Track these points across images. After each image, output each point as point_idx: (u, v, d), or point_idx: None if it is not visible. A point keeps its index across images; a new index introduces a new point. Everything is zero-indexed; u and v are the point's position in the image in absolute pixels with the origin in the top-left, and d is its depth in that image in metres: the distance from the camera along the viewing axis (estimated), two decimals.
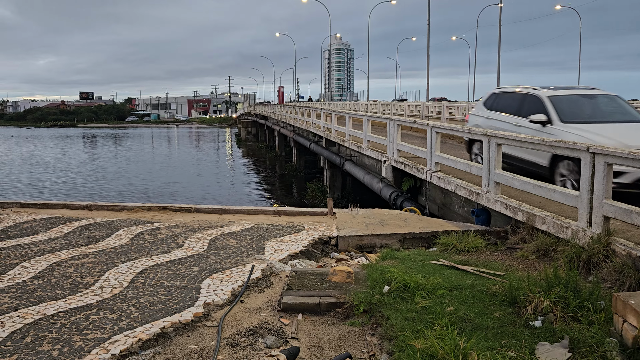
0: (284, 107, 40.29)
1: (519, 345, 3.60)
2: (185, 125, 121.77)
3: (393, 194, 12.56)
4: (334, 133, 20.05)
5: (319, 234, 7.76)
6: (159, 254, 6.61)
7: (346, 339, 4.25)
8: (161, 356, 3.94)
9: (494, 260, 6.03)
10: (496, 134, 7.86)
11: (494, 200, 7.80)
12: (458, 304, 4.40)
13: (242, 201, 24.08)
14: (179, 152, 54.50)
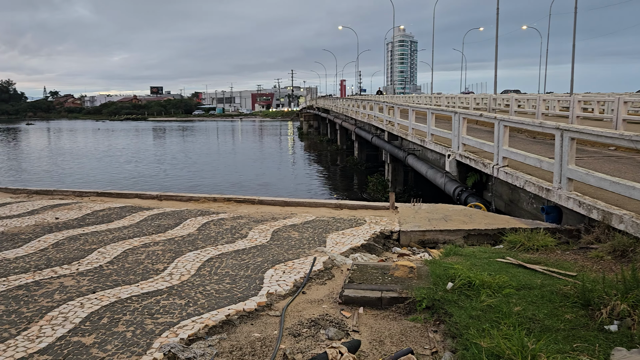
0: (345, 101, 40.26)
1: (592, 350, 3.43)
2: (249, 118, 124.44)
3: (457, 189, 12.26)
4: (396, 126, 19.81)
5: (380, 228, 7.71)
6: (224, 244, 6.81)
7: (408, 335, 4.21)
8: (226, 342, 4.06)
9: (565, 259, 5.76)
10: (570, 128, 7.48)
11: (566, 197, 7.43)
12: (526, 304, 4.24)
13: (303, 194, 24.34)
14: (243, 144, 55.78)
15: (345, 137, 40.87)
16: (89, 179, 28.30)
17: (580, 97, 18.65)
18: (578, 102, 17.64)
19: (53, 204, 9.69)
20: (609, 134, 6.67)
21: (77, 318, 4.41)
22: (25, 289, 5.13)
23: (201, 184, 26.77)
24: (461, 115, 12.16)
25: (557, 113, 20.95)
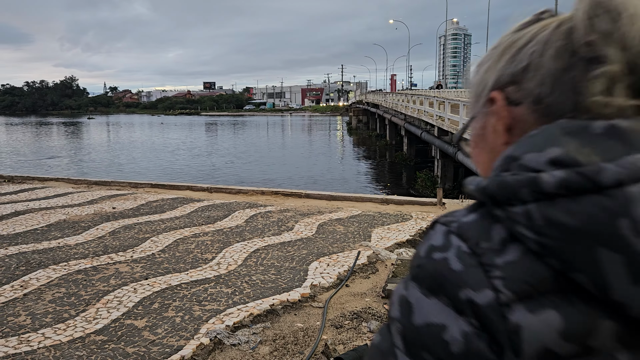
0: (395, 95, 39.92)
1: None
2: (298, 113, 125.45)
3: None
4: (446, 122, 19.49)
5: (426, 224, 7.64)
6: (270, 236, 6.95)
7: None
8: (270, 331, 4.17)
9: None
10: None
11: None
12: None
13: (351, 189, 24.36)
14: (292, 139, 56.35)
15: (394, 132, 40.52)
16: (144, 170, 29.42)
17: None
18: None
19: (110, 194, 10.17)
20: None
21: (131, 302, 4.64)
22: (84, 273, 5.44)
23: (250, 177, 27.30)
24: None
25: None
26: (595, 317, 0.47)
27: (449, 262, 0.52)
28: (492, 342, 0.48)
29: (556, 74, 0.56)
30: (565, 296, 0.48)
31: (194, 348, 3.76)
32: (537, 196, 0.49)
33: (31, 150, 39.34)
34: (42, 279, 5.27)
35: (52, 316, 4.35)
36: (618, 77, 0.53)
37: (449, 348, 0.49)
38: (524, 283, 0.48)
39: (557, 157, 0.50)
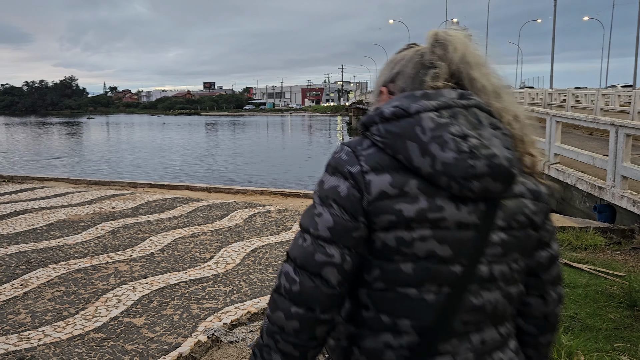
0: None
1: (633, 350, 3.35)
2: (298, 113, 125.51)
3: None
4: None
5: None
6: (269, 235, 7.00)
7: None
8: None
9: (614, 260, 5.59)
10: (625, 124, 7.21)
11: (619, 196, 7.18)
12: (568, 303, 4.17)
13: None
14: (292, 139, 56.42)
15: None
16: (143, 170, 29.48)
17: None
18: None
19: (110, 194, 10.22)
20: None
21: (130, 300, 4.69)
22: (83, 272, 5.49)
23: (250, 177, 27.36)
24: None
25: (618, 109, 20.06)
26: (407, 177, 1.03)
27: (342, 156, 1.09)
28: (358, 189, 1.05)
29: (412, 76, 1.17)
30: (393, 168, 1.04)
31: (191, 345, 3.81)
32: (381, 120, 1.08)
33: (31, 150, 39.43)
34: (42, 277, 5.32)
35: (51, 314, 4.40)
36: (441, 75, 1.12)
37: (339, 194, 1.06)
38: (374, 162, 1.05)
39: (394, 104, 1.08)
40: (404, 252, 1.05)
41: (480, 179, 1.02)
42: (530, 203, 1.13)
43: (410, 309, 1.06)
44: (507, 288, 1.12)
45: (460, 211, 1.04)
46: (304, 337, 1.07)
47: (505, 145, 1.08)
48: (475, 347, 1.09)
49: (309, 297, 1.05)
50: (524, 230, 1.12)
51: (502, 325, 1.15)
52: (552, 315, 1.25)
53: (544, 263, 1.21)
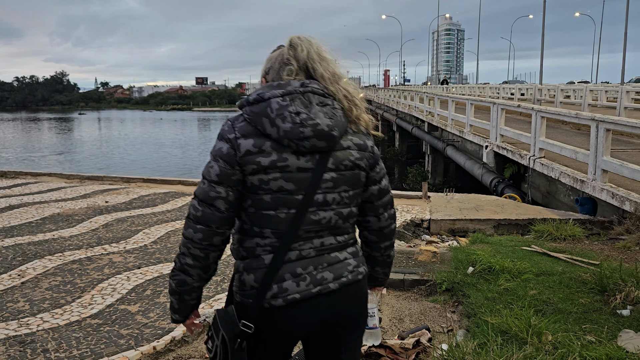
0: (387, 91, 40.17)
1: (600, 331, 3.57)
2: None
3: (494, 181, 12.25)
4: (436, 117, 19.77)
5: (411, 216, 7.90)
6: None
7: (427, 314, 4.44)
8: None
9: (591, 249, 5.82)
10: (605, 119, 7.44)
11: (599, 189, 7.42)
12: (542, 288, 4.39)
13: None
14: None
15: (386, 127, 40.76)
16: (136, 165, 29.52)
17: (629, 88, 18.07)
18: (627, 93, 17.11)
19: (103, 188, 10.36)
20: None
21: (124, 289, 4.86)
22: (78, 263, 5.65)
23: None
24: (499, 106, 12.12)
25: (606, 104, 20.34)
26: (264, 140, 1.63)
27: (225, 128, 1.68)
28: (234, 149, 1.63)
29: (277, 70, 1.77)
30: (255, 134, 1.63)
31: (184, 330, 3.99)
32: (248, 103, 1.68)
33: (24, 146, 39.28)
34: (39, 268, 5.48)
35: (49, 302, 4.56)
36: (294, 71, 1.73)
37: (223, 152, 1.65)
38: (243, 131, 1.65)
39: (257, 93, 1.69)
40: (264, 188, 1.65)
41: (309, 139, 1.62)
42: (355, 152, 1.74)
43: (271, 222, 1.68)
44: (338, 209, 1.73)
45: (300, 160, 1.65)
46: (206, 243, 1.69)
47: (329, 116, 1.67)
48: (316, 247, 1.72)
49: (207, 219, 1.67)
50: (351, 171, 1.73)
51: (340, 235, 1.77)
52: (385, 228, 1.93)
53: (375, 194, 1.85)
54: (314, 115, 1.64)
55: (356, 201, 1.79)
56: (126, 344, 3.78)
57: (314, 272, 1.70)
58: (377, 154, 1.84)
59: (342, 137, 1.71)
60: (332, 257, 1.74)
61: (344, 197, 1.73)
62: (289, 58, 1.75)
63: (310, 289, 1.68)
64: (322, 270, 1.72)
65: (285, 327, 1.70)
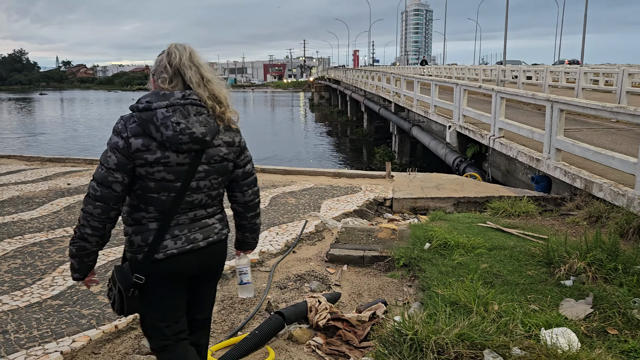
0: (355, 72, 40.18)
1: (544, 300, 3.79)
2: (260, 89, 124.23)
3: (457, 160, 12.54)
4: (402, 98, 19.96)
5: (374, 195, 8.07)
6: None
7: (385, 289, 4.61)
8: (219, 293, 4.49)
9: (543, 225, 6.09)
10: (559, 99, 7.70)
11: (553, 167, 7.72)
12: (494, 262, 4.61)
13: (311, 164, 24.70)
14: (254, 116, 56.03)
15: (355, 108, 40.92)
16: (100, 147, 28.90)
17: (587, 69, 18.60)
18: (584, 74, 17.61)
19: (65, 170, 10.17)
20: (593, 105, 6.90)
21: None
22: (39, 246, 5.61)
23: None
24: (462, 87, 12.34)
25: (565, 85, 20.88)
26: (150, 141, 2.10)
27: (119, 126, 2.12)
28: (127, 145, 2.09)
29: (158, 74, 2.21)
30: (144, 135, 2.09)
31: None
32: (138, 110, 2.12)
33: None
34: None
35: (8, 285, 4.54)
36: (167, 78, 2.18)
37: (119, 146, 2.10)
38: (134, 132, 2.10)
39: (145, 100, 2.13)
40: (150, 177, 2.14)
41: (186, 144, 2.12)
42: (224, 149, 2.27)
43: (154, 203, 2.19)
44: (208, 192, 2.28)
45: (179, 157, 2.14)
46: (104, 217, 2.16)
47: (203, 125, 2.16)
48: (190, 217, 2.27)
49: (106, 198, 2.13)
50: (220, 163, 2.27)
51: (210, 208, 2.34)
52: (250, 202, 2.51)
53: (240, 175, 2.42)
54: (191, 125, 2.13)
55: (224, 184, 2.36)
56: (88, 323, 3.82)
57: (188, 234, 2.26)
58: (243, 146, 2.39)
59: (214, 137, 2.21)
60: (203, 223, 2.32)
61: (214, 183, 2.28)
62: (165, 65, 2.19)
63: (184, 246, 2.25)
64: (195, 232, 2.28)
65: (167, 274, 2.26)
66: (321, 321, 3.80)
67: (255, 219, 2.57)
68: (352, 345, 3.60)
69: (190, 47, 2.22)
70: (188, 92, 2.15)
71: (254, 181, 2.48)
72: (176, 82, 2.19)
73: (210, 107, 2.19)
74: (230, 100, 2.27)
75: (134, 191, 2.19)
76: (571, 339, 3.07)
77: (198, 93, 2.16)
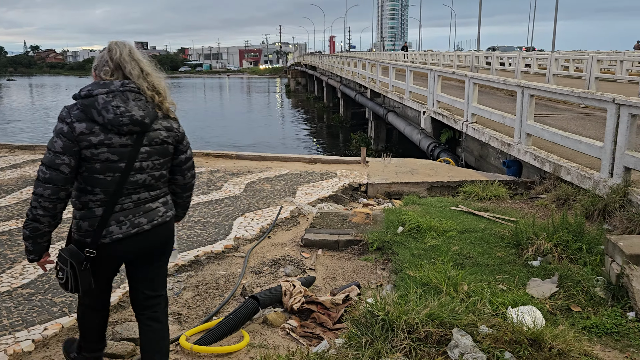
0: (331, 58, 40.06)
1: (512, 280, 3.91)
2: (236, 75, 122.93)
3: (431, 145, 12.69)
4: (378, 84, 20.02)
5: (349, 180, 8.13)
6: (199, 195, 7.19)
7: (359, 272, 4.68)
8: (194, 278, 4.51)
9: (513, 208, 6.24)
10: (529, 85, 7.84)
11: (524, 152, 7.88)
12: (464, 244, 4.71)
13: (288, 150, 24.65)
14: (231, 102, 55.50)
15: (331, 94, 40.83)
16: None
17: (558, 56, 18.92)
18: (555, 61, 17.92)
19: (35, 158, 9.95)
20: (562, 90, 7.06)
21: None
22: (8, 235, 5.51)
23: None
24: (436, 73, 12.44)
25: (537, 71, 21.21)
26: (93, 124, 2.29)
27: (63, 113, 2.31)
28: (71, 130, 2.27)
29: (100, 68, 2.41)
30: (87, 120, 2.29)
31: (120, 296, 4.03)
32: (80, 97, 2.34)
33: None
34: None
35: None
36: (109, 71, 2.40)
37: (63, 131, 2.28)
38: (77, 117, 2.29)
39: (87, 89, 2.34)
40: (95, 159, 2.31)
41: (127, 125, 2.32)
42: (164, 133, 2.47)
43: (100, 183, 2.35)
44: (152, 172, 2.46)
45: (122, 139, 2.33)
46: (54, 197, 2.31)
47: (142, 109, 2.37)
48: (134, 201, 2.45)
49: (54, 180, 2.29)
50: (161, 146, 2.46)
51: (153, 191, 2.52)
52: (188, 184, 2.72)
53: (182, 160, 2.62)
54: (130, 109, 2.33)
55: (166, 166, 2.55)
56: (60, 311, 3.79)
57: (133, 219, 2.45)
58: (182, 133, 2.60)
59: (153, 122, 2.42)
60: (147, 207, 2.49)
61: (156, 164, 2.47)
62: (107, 60, 2.41)
63: (129, 230, 2.43)
64: (139, 217, 2.46)
65: (113, 256, 2.51)
66: (296, 304, 3.85)
67: (189, 198, 2.83)
68: (326, 327, 3.66)
69: (130, 44, 2.48)
70: (126, 81, 2.38)
71: (192, 165, 2.72)
72: (117, 75, 2.40)
73: (150, 96, 2.41)
74: (168, 92, 2.52)
75: (80, 174, 2.35)
76: (536, 316, 3.18)
77: (138, 83, 2.39)
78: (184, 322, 3.78)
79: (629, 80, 16.05)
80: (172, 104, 2.54)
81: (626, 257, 3.51)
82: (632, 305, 3.41)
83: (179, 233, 5.57)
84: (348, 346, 3.02)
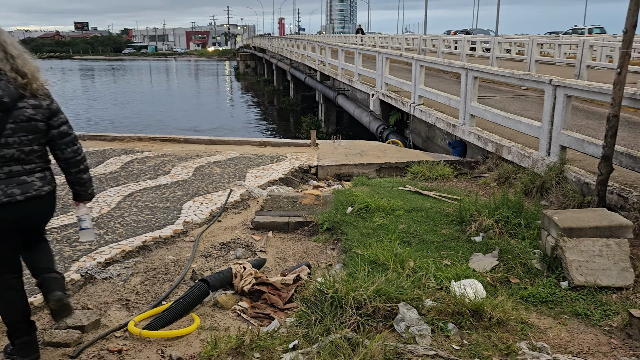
0: (281, 40, 39.65)
1: (456, 256, 4.07)
2: (184, 58, 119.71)
3: (380, 127, 12.87)
4: (327, 66, 20.02)
5: (299, 163, 8.15)
6: (146, 180, 7.03)
7: (309, 253, 4.73)
8: (142, 264, 4.43)
9: (458, 187, 6.45)
10: (473, 67, 8.07)
11: (468, 132, 8.13)
12: (411, 222, 4.85)
13: (238, 134, 24.36)
14: (178, 85, 54.11)
15: (281, 77, 40.52)
16: None
17: (501, 39, 19.49)
18: (499, 44, 18.46)
19: None
20: (503, 72, 7.31)
21: None
22: None
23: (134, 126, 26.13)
24: (384, 55, 12.57)
25: (482, 54, 21.80)
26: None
27: None
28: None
29: None
30: None
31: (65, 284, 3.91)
32: None
33: None
34: None
35: None
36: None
37: None
38: None
39: None
40: None
41: None
42: (30, 110, 2.63)
43: None
44: (20, 147, 2.62)
45: None
46: None
47: (2, 89, 2.53)
48: (5, 172, 2.61)
49: None
50: (27, 123, 2.62)
51: (27, 165, 2.67)
52: (70, 159, 2.83)
53: (56, 135, 2.75)
54: None
55: (38, 142, 2.70)
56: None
57: (5, 189, 2.61)
58: (54, 109, 2.74)
59: (18, 101, 2.59)
60: (21, 180, 2.65)
61: (24, 140, 2.63)
62: None
63: (2, 199, 2.58)
64: (12, 187, 2.62)
65: None
66: (246, 286, 3.87)
67: (81, 174, 2.92)
68: (277, 307, 3.69)
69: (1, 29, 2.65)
70: None
71: (72, 140, 2.82)
72: None
73: (13, 78, 2.58)
74: (37, 74, 2.68)
75: None
76: (477, 289, 3.34)
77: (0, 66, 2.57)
78: (132, 307, 3.73)
79: (567, 63, 16.76)
80: (41, 84, 2.69)
81: (560, 230, 3.72)
82: (565, 275, 3.62)
83: (125, 219, 5.45)
84: (298, 324, 3.07)
